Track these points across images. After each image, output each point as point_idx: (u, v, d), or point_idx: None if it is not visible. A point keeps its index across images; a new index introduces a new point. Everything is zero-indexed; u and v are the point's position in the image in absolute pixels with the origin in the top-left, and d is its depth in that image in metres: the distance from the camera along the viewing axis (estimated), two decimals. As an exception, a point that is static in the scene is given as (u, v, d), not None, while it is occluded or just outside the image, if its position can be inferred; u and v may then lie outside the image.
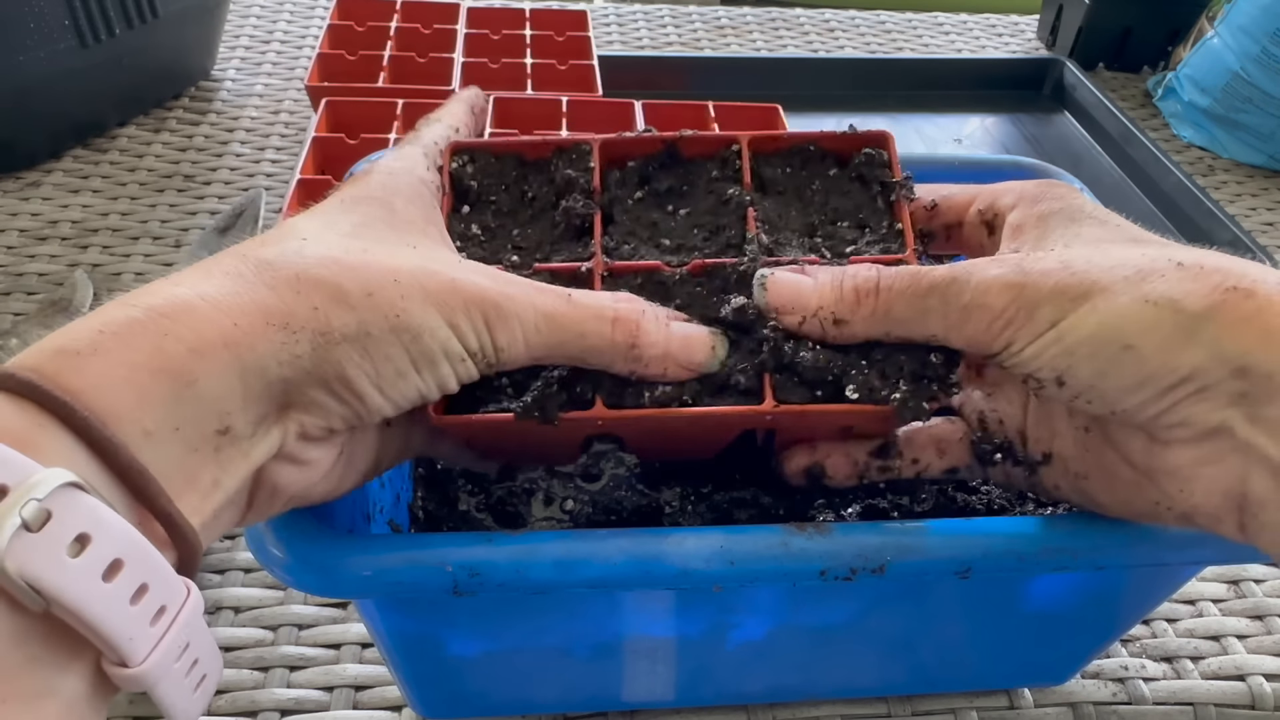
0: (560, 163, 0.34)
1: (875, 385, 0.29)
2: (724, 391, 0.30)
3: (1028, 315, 0.27)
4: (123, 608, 0.19)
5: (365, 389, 0.25)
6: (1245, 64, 0.81)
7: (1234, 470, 0.26)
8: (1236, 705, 0.44)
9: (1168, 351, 0.25)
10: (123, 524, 0.20)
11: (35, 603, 0.19)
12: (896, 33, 1.03)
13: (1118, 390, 0.26)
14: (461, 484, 0.44)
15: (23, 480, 0.18)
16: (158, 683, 0.20)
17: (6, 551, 0.18)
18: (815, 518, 0.40)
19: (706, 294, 0.31)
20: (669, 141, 0.34)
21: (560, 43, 0.82)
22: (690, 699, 0.42)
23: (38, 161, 0.72)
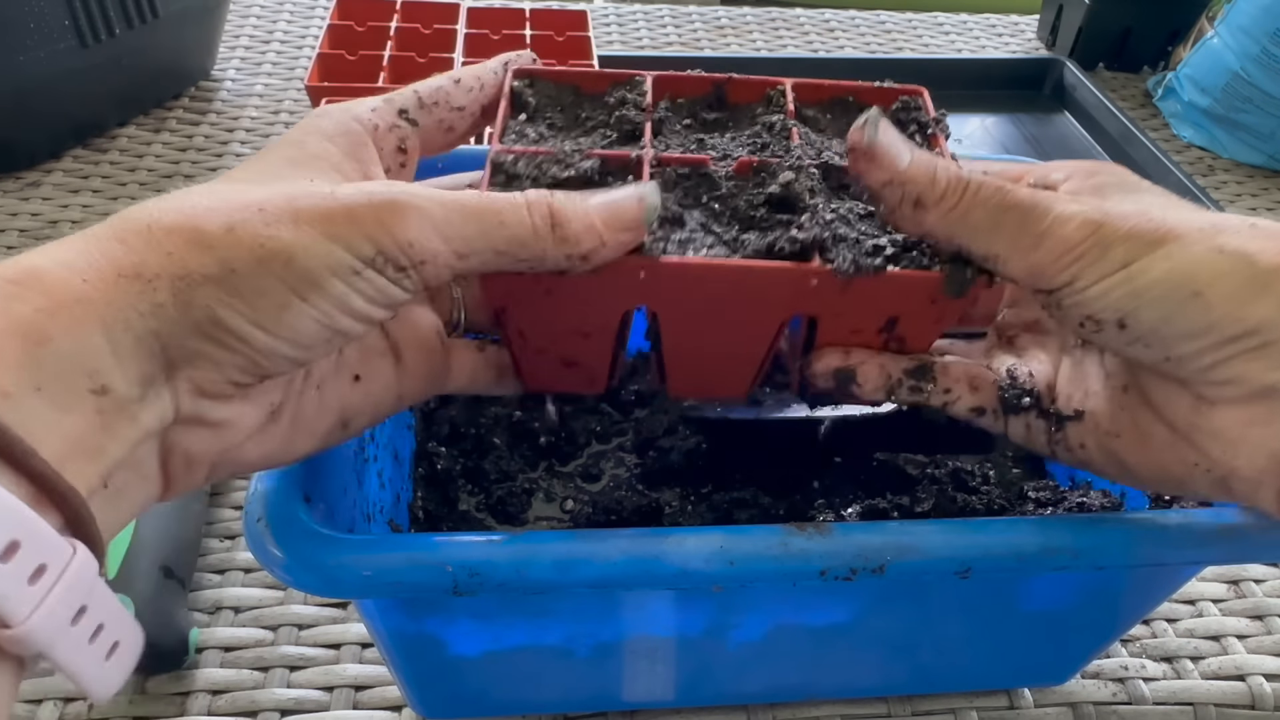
0: (616, 93, 0.34)
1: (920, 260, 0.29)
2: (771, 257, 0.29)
3: (1101, 252, 0.27)
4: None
5: (245, 329, 0.23)
6: (1245, 64, 0.81)
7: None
8: (1236, 705, 0.44)
9: (1236, 301, 0.25)
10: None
11: None
12: (896, 33, 1.03)
13: (1179, 336, 0.26)
14: (461, 484, 0.44)
15: None
16: (52, 646, 0.20)
17: None
18: (815, 518, 0.40)
19: (752, 187, 0.31)
20: (718, 83, 0.35)
21: (560, 43, 0.82)
22: (690, 699, 0.42)
23: (38, 161, 0.72)
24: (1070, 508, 0.41)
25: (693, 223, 0.30)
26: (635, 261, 0.28)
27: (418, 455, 0.45)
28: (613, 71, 0.35)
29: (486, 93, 0.33)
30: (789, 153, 0.32)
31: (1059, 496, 0.42)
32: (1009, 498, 0.42)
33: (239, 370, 0.24)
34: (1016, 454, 0.47)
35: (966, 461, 0.44)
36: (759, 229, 0.30)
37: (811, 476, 0.43)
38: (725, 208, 0.31)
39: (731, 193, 0.31)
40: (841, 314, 0.30)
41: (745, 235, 0.30)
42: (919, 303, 0.30)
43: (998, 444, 0.46)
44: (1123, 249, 0.27)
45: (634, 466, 0.45)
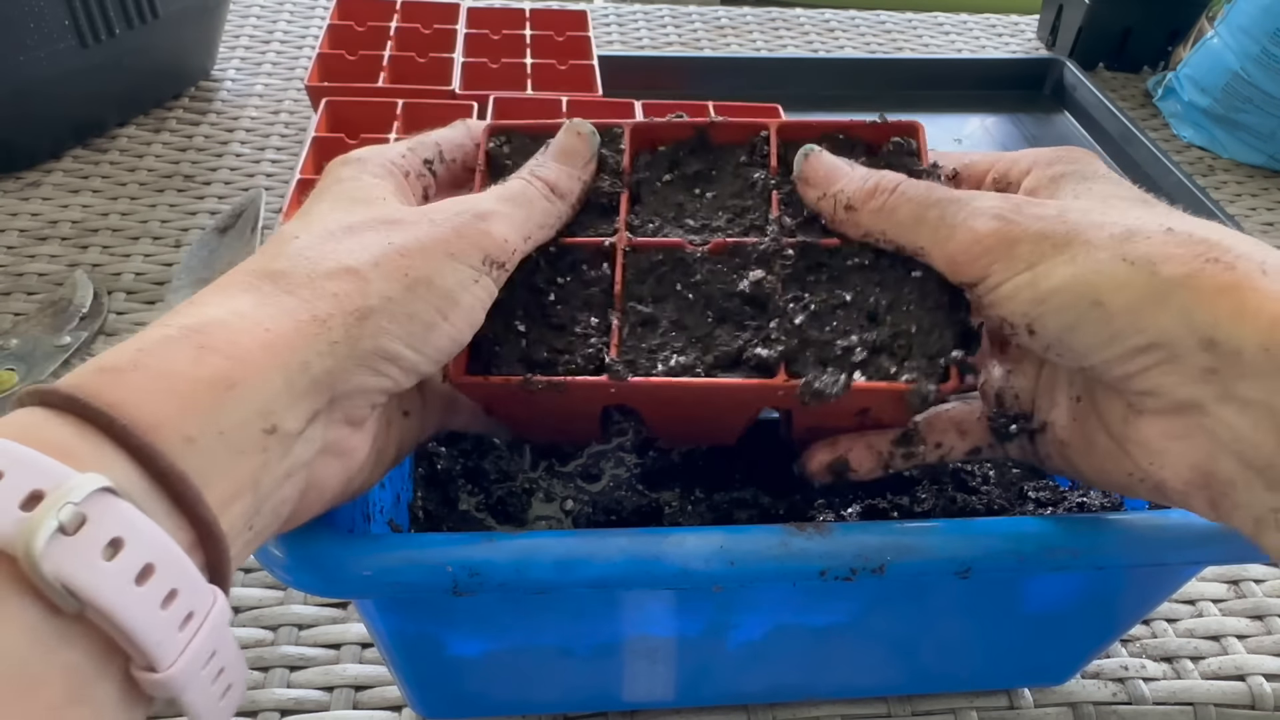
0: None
1: (886, 367, 0.29)
2: (738, 367, 0.30)
3: (1008, 249, 0.27)
4: (153, 612, 0.19)
5: (402, 352, 0.26)
6: (1245, 64, 0.81)
7: (1202, 448, 0.26)
8: (1236, 705, 0.44)
9: (1135, 312, 0.25)
10: (155, 529, 0.20)
11: (70, 605, 0.19)
12: (896, 33, 1.03)
13: (1085, 345, 0.26)
14: (461, 484, 0.44)
15: (59, 485, 0.19)
16: (185, 689, 0.21)
17: (44, 554, 0.18)
18: (815, 518, 0.40)
19: (727, 271, 0.32)
20: (699, 128, 0.35)
21: (560, 43, 0.82)
22: (690, 699, 0.42)
23: (38, 161, 0.72)
24: (1070, 508, 0.41)
25: (665, 321, 0.31)
26: (604, 382, 0.29)
27: (417, 455, 0.45)
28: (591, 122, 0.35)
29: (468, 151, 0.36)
30: (766, 225, 0.32)
31: (1059, 496, 0.42)
32: (1009, 498, 0.42)
33: (382, 393, 0.26)
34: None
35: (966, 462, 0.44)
36: (731, 321, 0.31)
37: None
38: (699, 296, 0.31)
39: (706, 279, 0.31)
40: (814, 410, 0.30)
41: (719, 331, 0.31)
42: (887, 403, 0.30)
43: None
44: (1029, 248, 0.27)
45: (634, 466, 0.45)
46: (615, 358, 0.29)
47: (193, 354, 0.22)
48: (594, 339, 0.30)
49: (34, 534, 0.18)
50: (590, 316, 0.31)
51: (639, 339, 0.30)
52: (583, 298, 0.31)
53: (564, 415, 0.32)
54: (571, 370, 0.30)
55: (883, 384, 0.29)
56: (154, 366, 0.22)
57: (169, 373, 0.22)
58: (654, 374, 0.29)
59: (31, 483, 0.19)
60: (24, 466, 0.19)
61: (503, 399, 0.31)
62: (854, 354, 0.29)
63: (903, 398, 0.29)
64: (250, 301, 0.24)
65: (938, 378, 0.29)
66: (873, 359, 0.29)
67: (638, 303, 0.31)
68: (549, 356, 0.30)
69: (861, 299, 0.31)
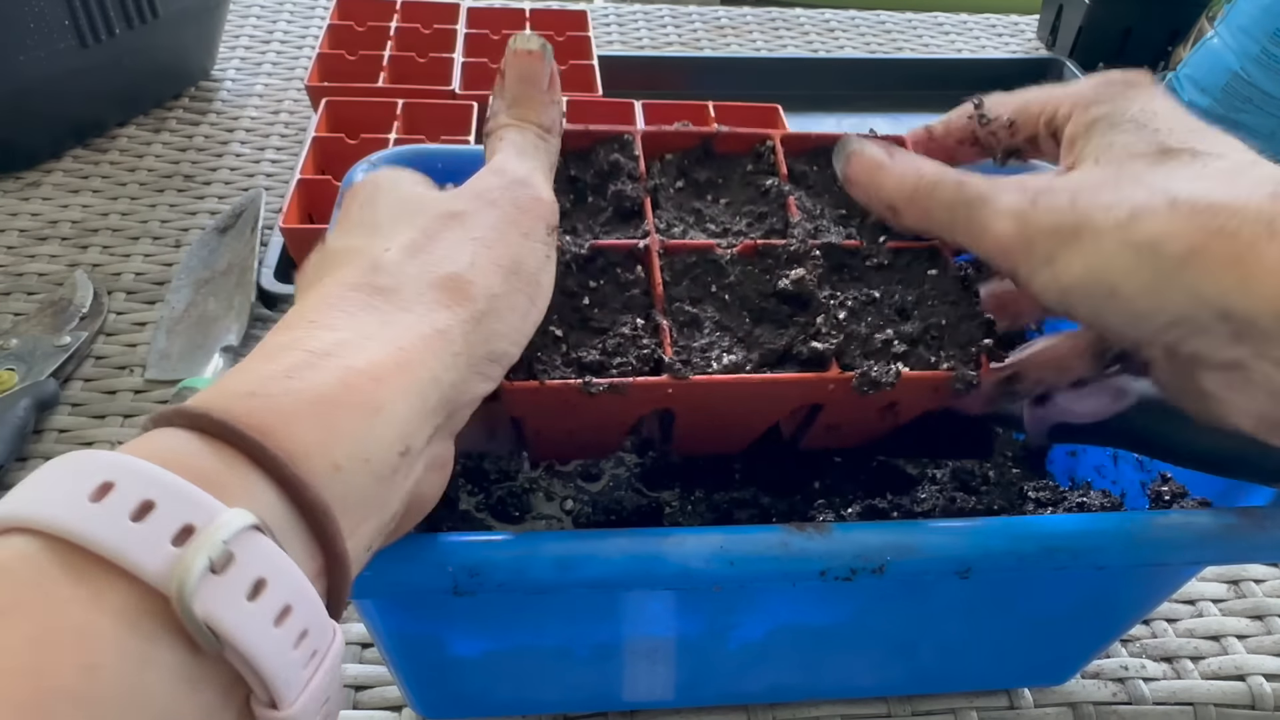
0: (603, 151, 0.34)
1: (926, 357, 0.31)
2: (785, 364, 0.31)
3: (1028, 249, 0.28)
4: (287, 652, 0.19)
5: (508, 350, 0.26)
6: (1245, 64, 0.81)
7: (1259, 397, 0.26)
8: (1236, 705, 0.44)
9: (1150, 295, 0.26)
10: (295, 570, 0.20)
11: (212, 645, 0.18)
12: (896, 33, 1.03)
13: (1117, 326, 0.27)
14: (462, 484, 0.44)
15: (209, 522, 0.18)
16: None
17: (195, 594, 0.18)
18: (815, 518, 0.40)
19: (758, 272, 0.32)
20: (705, 137, 0.35)
21: (560, 43, 0.82)
22: (690, 699, 0.42)
23: (38, 161, 0.72)
24: (1070, 508, 0.41)
25: (708, 322, 0.31)
26: (663, 381, 0.29)
27: (418, 455, 0.45)
28: (594, 129, 0.35)
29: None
30: (790, 228, 0.33)
31: (1059, 496, 0.42)
32: (1009, 498, 0.42)
33: (480, 400, 0.26)
34: (1016, 454, 0.47)
35: (966, 462, 0.44)
36: (771, 322, 0.32)
37: (811, 476, 0.43)
38: (734, 297, 0.32)
39: (739, 279, 0.32)
40: (849, 403, 0.31)
41: (759, 330, 0.31)
42: (923, 394, 0.31)
43: (997, 445, 0.46)
44: (1044, 245, 0.27)
45: (634, 466, 0.45)
46: (672, 357, 0.29)
47: (340, 376, 0.22)
48: (645, 340, 0.30)
49: (187, 574, 0.18)
50: (634, 318, 0.31)
51: (688, 339, 0.31)
52: (621, 300, 0.31)
53: (597, 426, 0.32)
54: (626, 372, 0.29)
55: (928, 373, 0.30)
56: (304, 392, 0.21)
57: (318, 398, 0.21)
58: (709, 372, 0.30)
59: (184, 517, 0.18)
60: (176, 498, 0.18)
61: (548, 408, 0.30)
62: (894, 346, 0.31)
63: (948, 385, 0.30)
64: (375, 321, 0.24)
65: (973, 365, 0.31)
66: (912, 350, 0.31)
67: (679, 304, 0.31)
68: (600, 359, 0.29)
69: (888, 296, 0.32)
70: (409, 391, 0.23)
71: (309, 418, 0.21)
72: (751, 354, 0.30)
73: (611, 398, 0.29)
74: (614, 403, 0.30)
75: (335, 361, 0.22)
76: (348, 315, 0.24)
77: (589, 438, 0.33)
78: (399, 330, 0.24)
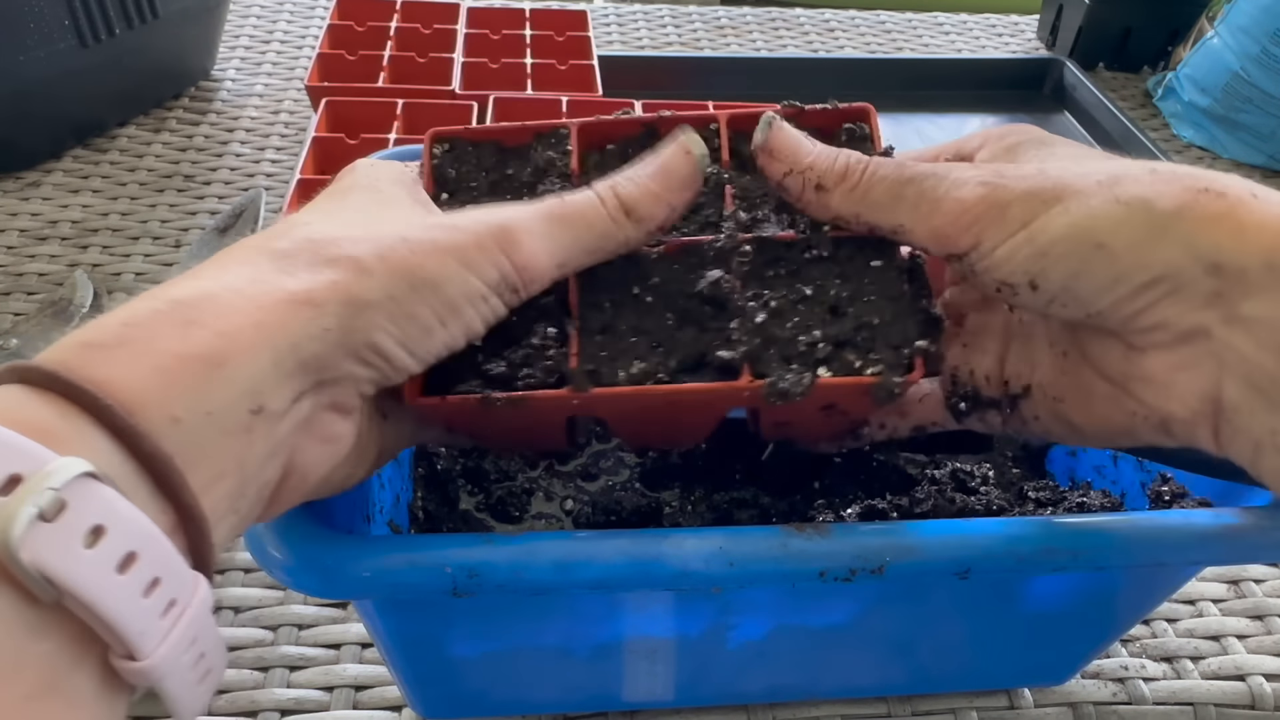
0: (540, 147, 0.34)
1: (851, 361, 0.29)
2: (702, 369, 0.29)
3: (999, 213, 0.27)
4: (135, 601, 0.19)
5: (394, 350, 0.25)
6: (1245, 64, 0.81)
7: (1208, 375, 0.26)
8: (1236, 705, 0.44)
9: (1140, 249, 0.25)
10: (138, 515, 0.19)
11: (48, 594, 0.18)
12: (896, 33, 1.03)
13: (1091, 290, 0.26)
14: (462, 484, 0.44)
15: (38, 469, 0.18)
16: (165, 677, 0.20)
17: (22, 542, 0.17)
18: (815, 518, 0.40)
19: (684, 271, 0.31)
20: (647, 123, 0.34)
21: (560, 43, 0.82)
22: (690, 699, 0.42)
23: (38, 161, 0.72)
24: (1070, 508, 0.41)
25: (624, 326, 0.30)
26: (566, 395, 0.28)
27: (417, 455, 0.45)
28: (533, 125, 0.34)
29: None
30: (721, 221, 0.31)
31: (1059, 496, 0.42)
32: (1009, 498, 0.42)
33: (370, 384, 0.26)
34: (1016, 454, 0.47)
35: (966, 461, 0.44)
36: (692, 323, 0.30)
37: (811, 476, 0.43)
38: (657, 296, 0.30)
39: (663, 280, 0.31)
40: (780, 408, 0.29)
41: (679, 332, 0.30)
42: (853, 397, 0.30)
43: (997, 444, 0.46)
44: (1020, 208, 0.27)
45: (634, 466, 0.45)
46: (576, 368, 0.29)
47: (181, 329, 0.21)
48: (552, 350, 0.29)
49: (11, 521, 0.17)
50: (546, 326, 0.30)
51: (599, 346, 0.29)
52: (537, 307, 0.30)
53: (527, 428, 0.32)
54: (531, 384, 0.29)
55: (848, 379, 0.28)
56: (141, 342, 0.21)
57: (156, 349, 0.21)
58: (617, 382, 0.29)
59: (10, 466, 0.18)
60: (3, 449, 0.18)
61: (463, 417, 0.30)
62: (817, 350, 0.29)
63: (869, 391, 0.28)
64: (245, 277, 0.23)
65: (903, 369, 0.28)
66: (837, 354, 0.29)
67: (595, 309, 0.30)
68: (507, 371, 0.29)
69: (822, 293, 0.30)
70: (259, 350, 0.22)
71: (145, 368, 0.21)
72: (669, 360, 0.29)
73: (521, 411, 0.29)
74: (525, 414, 0.29)
75: (181, 311, 0.22)
76: (222, 269, 0.24)
77: (523, 438, 0.33)
78: (267, 289, 0.23)
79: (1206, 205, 0.25)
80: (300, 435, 0.24)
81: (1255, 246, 0.24)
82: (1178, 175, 0.26)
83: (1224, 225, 0.25)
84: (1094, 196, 0.26)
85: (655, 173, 0.29)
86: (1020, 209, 0.27)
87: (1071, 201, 0.26)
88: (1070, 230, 0.26)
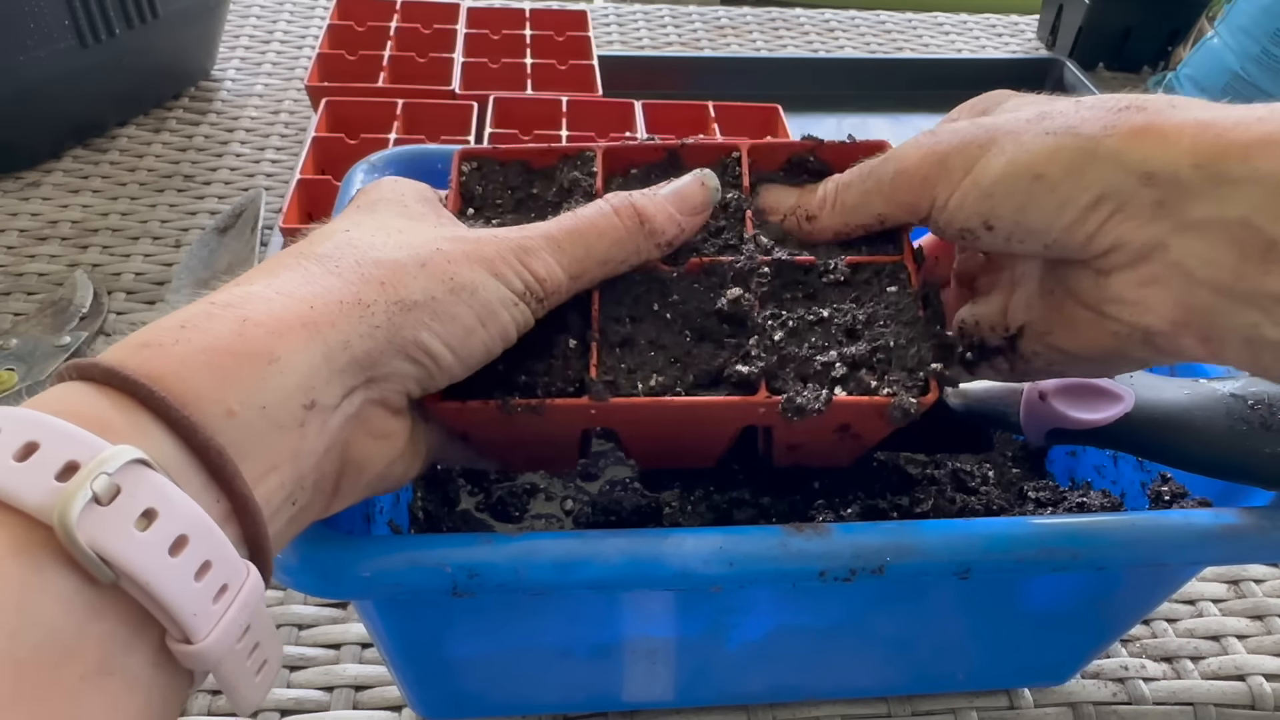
0: (565, 168, 0.34)
1: (867, 381, 0.29)
2: (718, 386, 0.30)
3: (941, 169, 0.29)
4: (187, 582, 0.20)
5: (439, 349, 0.26)
6: (1245, 64, 0.81)
7: (1178, 285, 0.26)
8: (1236, 705, 0.44)
9: (1075, 173, 0.27)
10: (188, 501, 0.20)
11: (105, 575, 0.19)
12: (896, 33, 1.03)
13: (1040, 221, 0.28)
14: (461, 484, 0.44)
15: (93, 456, 0.19)
16: (220, 662, 0.21)
17: (79, 523, 0.18)
18: (814, 518, 0.40)
19: (704, 290, 0.31)
20: (671, 150, 0.34)
21: (560, 43, 0.82)
22: (690, 699, 0.42)
23: (38, 161, 0.72)
24: (1070, 508, 0.41)
25: (643, 341, 0.31)
26: (584, 403, 0.29)
27: (417, 455, 0.45)
28: (559, 147, 0.35)
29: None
30: (741, 244, 0.32)
31: (1059, 496, 0.42)
32: (1009, 498, 0.42)
33: (416, 384, 0.27)
34: (1016, 454, 0.47)
35: (966, 461, 0.44)
36: (710, 340, 0.31)
37: (811, 476, 0.43)
38: (676, 314, 0.31)
39: (683, 298, 0.31)
40: (795, 428, 0.30)
41: (697, 348, 0.30)
42: (868, 418, 0.30)
43: (997, 444, 0.46)
44: (959, 157, 0.29)
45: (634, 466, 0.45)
46: (595, 378, 0.29)
47: (236, 328, 0.22)
48: (574, 361, 0.30)
49: (69, 503, 0.18)
50: (568, 339, 0.30)
51: (618, 359, 0.30)
52: (559, 321, 0.30)
53: (542, 441, 0.32)
54: (551, 393, 0.29)
55: (864, 398, 0.29)
56: (196, 340, 0.22)
57: (211, 347, 0.22)
58: (635, 394, 0.29)
59: (67, 454, 0.19)
60: (60, 438, 0.19)
61: (481, 425, 0.30)
62: (834, 369, 0.29)
63: (884, 412, 0.29)
64: (295, 279, 0.25)
65: (918, 390, 0.29)
66: (853, 374, 0.29)
67: (615, 323, 0.31)
68: (527, 380, 0.29)
69: (839, 315, 0.31)
70: (311, 347, 0.23)
71: (200, 364, 0.22)
72: (686, 375, 0.30)
73: (539, 419, 0.29)
74: (540, 423, 0.29)
75: (234, 312, 0.23)
76: (269, 274, 0.25)
77: (537, 453, 0.33)
78: (316, 290, 0.24)
79: (1129, 121, 0.26)
80: (353, 430, 0.25)
81: (1180, 150, 0.25)
82: (1101, 101, 0.28)
83: (1149, 136, 0.26)
84: (1025, 134, 0.28)
85: (671, 194, 0.31)
86: (959, 158, 0.29)
87: (1006, 141, 0.28)
88: (1008, 168, 0.28)
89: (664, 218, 0.30)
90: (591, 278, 0.30)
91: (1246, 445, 0.32)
